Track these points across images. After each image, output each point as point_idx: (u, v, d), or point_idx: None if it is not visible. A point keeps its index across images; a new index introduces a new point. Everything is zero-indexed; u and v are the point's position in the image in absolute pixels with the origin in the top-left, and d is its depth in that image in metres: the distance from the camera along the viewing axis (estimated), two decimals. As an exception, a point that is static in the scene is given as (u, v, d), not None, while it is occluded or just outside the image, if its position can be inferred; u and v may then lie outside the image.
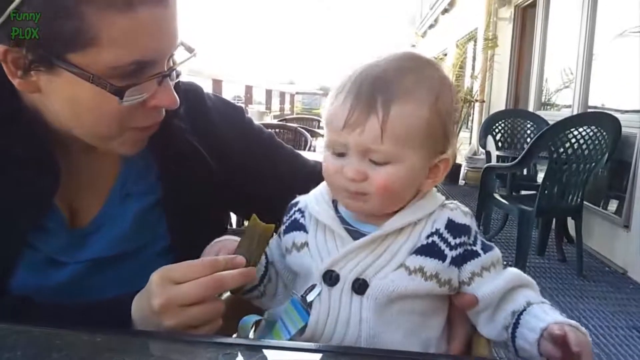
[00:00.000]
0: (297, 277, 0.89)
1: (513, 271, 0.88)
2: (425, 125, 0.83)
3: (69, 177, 0.94)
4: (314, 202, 0.93)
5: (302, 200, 0.97)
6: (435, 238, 0.85)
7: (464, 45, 10.11)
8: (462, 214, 0.88)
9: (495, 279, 0.85)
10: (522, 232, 3.97)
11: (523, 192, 5.27)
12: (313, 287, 0.84)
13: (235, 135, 1.11)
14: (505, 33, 8.32)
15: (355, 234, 0.87)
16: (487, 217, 4.98)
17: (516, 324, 0.82)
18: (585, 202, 4.14)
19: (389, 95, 0.81)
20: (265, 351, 0.72)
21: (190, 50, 0.93)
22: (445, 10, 13.73)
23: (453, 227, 0.86)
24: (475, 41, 10.07)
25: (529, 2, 7.55)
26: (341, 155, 0.84)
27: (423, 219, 0.87)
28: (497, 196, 4.41)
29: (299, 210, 0.95)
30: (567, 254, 4.47)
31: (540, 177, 4.61)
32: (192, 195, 1.01)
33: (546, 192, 3.92)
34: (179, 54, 0.91)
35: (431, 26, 15.93)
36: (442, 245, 0.84)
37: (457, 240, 0.85)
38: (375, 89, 0.81)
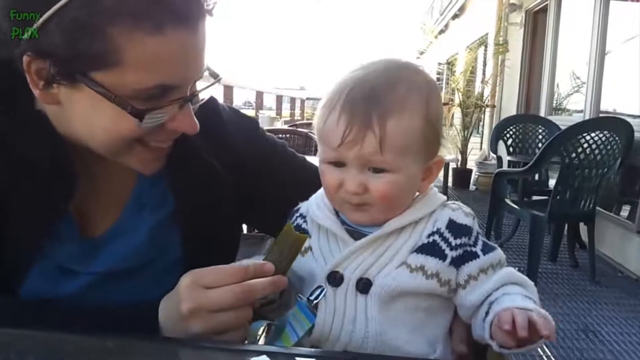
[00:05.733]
0: (303, 282, 0.90)
1: (506, 270, 0.87)
2: (420, 134, 0.85)
3: (84, 186, 0.94)
4: (314, 206, 0.94)
5: (303, 206, 0.98)
6: (436, 237, 0.86)
7: (474, 50, 10.08)
8: (463, 214, 0.89)
9: (486, 283, 0.85)
10: (534, 238, 3.94)
11: (535, 198, 5.23)
12: (318, 288, 0.85)
13: (249, 147, 1.11)
14: (516, 38, 8.30)
15: (357, 235, 0.88)
16: (498, 222, 4.95)
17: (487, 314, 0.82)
18: (597, 208, 4.10)
19: (383, 110, 0.82)
20: (279, 358, 0.72)
21: (215, 76, 0.93)
22: (456, 16, 13.72)
23: (454, 227, 0.87)
24: (485, 46, 10.05)
25: (540, 7, 7.53)
26: (339, 165, 0.86)
27: (424, 218, 0.88)
28: (508, 201, 4.38)
29: (301, 215, 0.97)
30: (579, 260, 4.43)
31: (552, 182, 4.58)
32: (204, 207, 1.01)
33: (558, 197, 3.90)
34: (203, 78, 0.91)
35: (441, 31, 15.91)
36: (443, 245, 0.85)
37: (458, 241, 0.86)
38: (369, 104, 0.82)
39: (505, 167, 5.82)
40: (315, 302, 0.84)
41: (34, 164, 0.88)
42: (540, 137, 5.75)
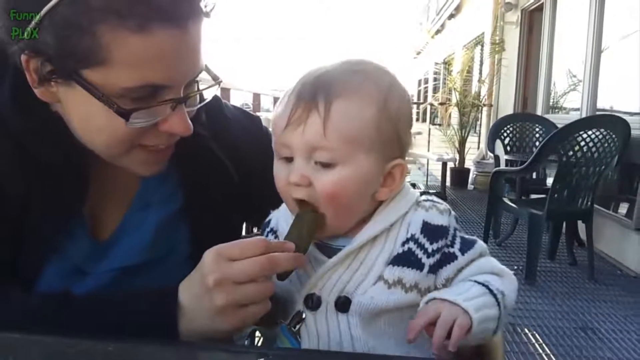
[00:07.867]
0: (283, 305, 0.85)
1: (481, 261, 0.84)
2: (374, 126, 0.80)
3: (94, 187, 0.95)
4: (282, 221, 0.91)
5: (273, 218, 0.95)
6: (412, 245, 0.81)
7: (471, 50, 10.10)
8: (438, 213, 0.84)
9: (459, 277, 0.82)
10: (532, 236, 3.95)
11: (533, 196, 5.24)
12: (298, 313, 0.83)
13: (252, 145, 1.11)
14: (512, 37, 8.31)
15: (329, 251, 0.85)
16: (496, 221, 4.96)
17: None
18: (595, 205, 4.12)
19: (331, 92, 0.79)
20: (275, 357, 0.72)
21: (215, 78, 0.92)
22: (452, 16, 13.73)
23: (429, 230, 0.82)
24: (482, 45, 10.06)
25: (536, 5, 7.54)
26: (288, 160, 0.82)
27: (397, 222, 0.83)
28: (506, 200, 4.40)
29: (272, 230, 0.94)
30: (578, 258, 4.44)
31: (550, 180, 4.58)
32: (213, 204, 1.02)
33: (556, 195, 3.91)
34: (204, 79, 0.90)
35: (438, 31, 15.92)
36: (419, 253, 0.81)
37: (435, 246, 0.81)
38: (318, 86, 0.80)
39: (502, 166, 5.83)
40: (295, 329, 0.82)
41: (49, 165, 0.89)
42: (537, 135, 5.77)
